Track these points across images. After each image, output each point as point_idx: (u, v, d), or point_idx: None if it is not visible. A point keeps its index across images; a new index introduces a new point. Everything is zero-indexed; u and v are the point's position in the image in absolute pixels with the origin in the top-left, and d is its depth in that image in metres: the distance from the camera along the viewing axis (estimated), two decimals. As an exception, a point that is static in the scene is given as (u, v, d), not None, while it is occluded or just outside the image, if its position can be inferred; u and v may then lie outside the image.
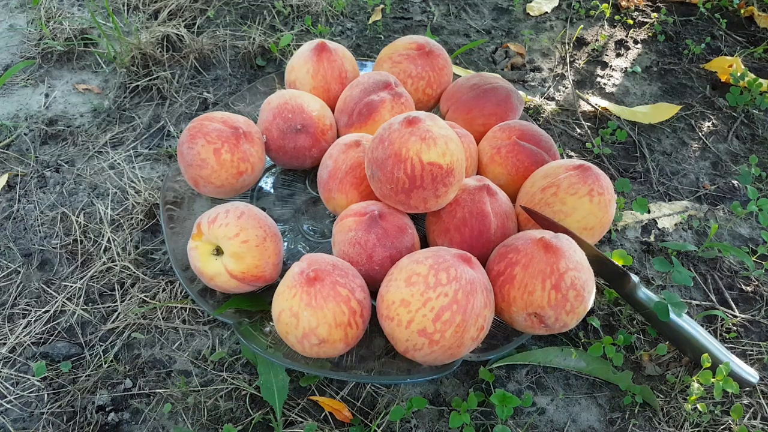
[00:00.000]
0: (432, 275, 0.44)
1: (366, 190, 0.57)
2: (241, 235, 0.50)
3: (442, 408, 0.52)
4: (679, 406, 0.53)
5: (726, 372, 0.50)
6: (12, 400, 0.51)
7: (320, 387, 0.53)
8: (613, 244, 0.67)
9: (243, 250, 0.50)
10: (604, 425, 0.52)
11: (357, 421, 0.51)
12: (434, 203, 0.52)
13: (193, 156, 0.56)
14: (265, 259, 0.52)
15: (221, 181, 0.57)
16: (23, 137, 0.74)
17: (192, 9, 0.95)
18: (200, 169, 0.56)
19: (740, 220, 0.71)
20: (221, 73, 0.85)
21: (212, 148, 0.56)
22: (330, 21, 0.96)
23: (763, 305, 0.62)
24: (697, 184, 0.75)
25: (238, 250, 0.50)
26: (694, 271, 0.65)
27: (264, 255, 0.51)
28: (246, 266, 0.51)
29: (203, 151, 0.56)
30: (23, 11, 0.94)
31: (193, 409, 0.51)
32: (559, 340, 0.58)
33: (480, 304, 0.45)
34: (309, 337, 0.46)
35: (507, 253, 0.49)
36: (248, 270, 0.51)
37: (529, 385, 0.54)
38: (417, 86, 0.67)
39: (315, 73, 0.66)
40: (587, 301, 0.48)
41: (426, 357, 0.46)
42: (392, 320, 0.46)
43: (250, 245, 0.50)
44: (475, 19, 1.00)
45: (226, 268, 0.51)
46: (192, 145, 0.56)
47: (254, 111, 0.72)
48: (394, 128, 0.50)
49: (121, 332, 0.56)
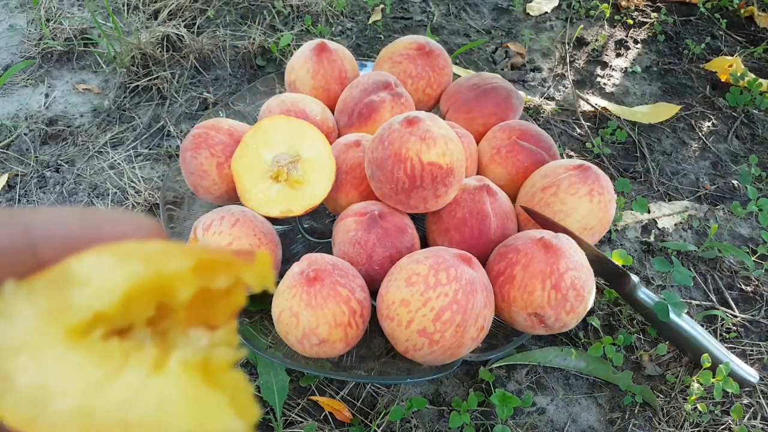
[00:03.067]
0: (432, 275, 0.44)
1: (366, 190, 0.57)
2: (234, 245, 0.49)
3: (442, 408, 0.52)
4: (679, 406, 0.53)
5: (726, 372, 0.50)
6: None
7: (320, 387, 0.53)
8: (613, 244, 0.67)
9: None
10: (604, 425, 0.52)
11: (357, 421, 0.51)
12: (434, 203, 0.52)
13: (195, 166, 0.56)
14: None
15: (221, 192, 0.57)
16: (23, 137, 0.74)
17: (192, 9, 0.95)
18: (201, 179, 0.56)
19: (740, 220, 0.71)
20: (221, 73, 0.85)
21: (215, 162, 0.55)
22: (330, 21, 0.96)
23: (763, 305, 0.62)
24: (697, 184, 0.75)
25: None
26: (694, 271, 0.65)
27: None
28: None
29: (206, 163, 0.56)
30: (23, 11, 0.93)
31: (193, 409, 0.51)
32: (559, 340, 0.58)
33: (480, 304, 0.45)
34: (309, 337, 0.46)
35: (507, 253, 0.49)
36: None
37: (529, 385, 0.54)
38: (417, 86, 0.67)
39: (315, 73, 0.66)
40: (587, 301, 0.48)
41: (426, 357, 0.46)
42: (392, 320, 0.46)
43: None
44: (475, 19, 1.00)
45: None
46: (195, 154, 0.56)
47: (254, 111, 0.72)
48: (394, 128, 0.50)
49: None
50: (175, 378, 0.12)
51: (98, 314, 0.12)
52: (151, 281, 0.13)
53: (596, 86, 0.88)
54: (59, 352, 0.12)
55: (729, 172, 0.77)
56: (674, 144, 0.80)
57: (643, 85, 0.89)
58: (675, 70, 0.92)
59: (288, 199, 0.53)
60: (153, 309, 0.13)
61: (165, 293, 0.13)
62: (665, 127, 0.82)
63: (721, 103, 0.86)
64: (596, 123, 0.82)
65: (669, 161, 0.78)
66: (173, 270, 0.13)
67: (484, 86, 0.65)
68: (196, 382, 0.12)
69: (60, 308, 0.12)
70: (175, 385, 0.12)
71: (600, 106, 0.83)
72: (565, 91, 0.87)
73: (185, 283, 0.13)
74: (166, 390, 0.12)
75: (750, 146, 0.81)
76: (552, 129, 0.80)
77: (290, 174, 0.54)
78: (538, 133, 0.60)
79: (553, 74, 0.90)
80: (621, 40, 0.97)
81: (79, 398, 0.11)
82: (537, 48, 0.95)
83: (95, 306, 0.12)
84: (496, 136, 0.61)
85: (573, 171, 0.53)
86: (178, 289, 0.13)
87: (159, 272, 0.13)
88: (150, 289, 0.13)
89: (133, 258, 0.13)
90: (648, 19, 1.02)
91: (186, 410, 0.11)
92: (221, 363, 0.13)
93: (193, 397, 0.12)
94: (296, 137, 0.55)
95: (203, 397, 0.12)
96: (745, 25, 1.01)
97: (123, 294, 0.12)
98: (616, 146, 0.79)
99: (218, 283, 0.14)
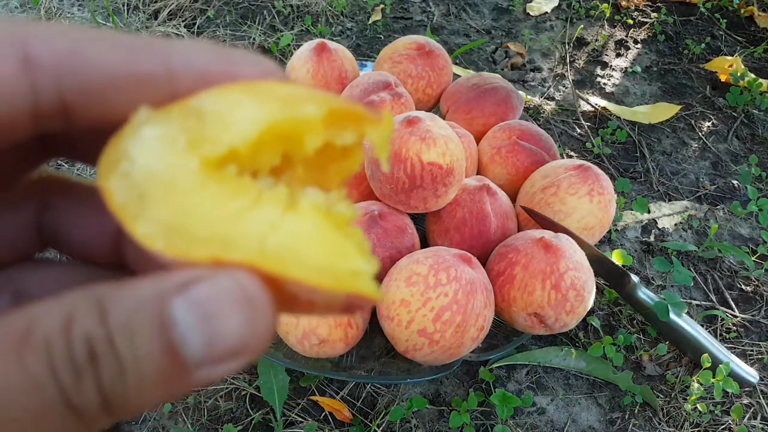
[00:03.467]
0: (432, 275, 0.44)
1: (366, 190, 0.57)
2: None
3: (442, 408, 0.52)
4: (679, 406, 0.53)
5: (726, 372, 0.50)
6: (12, 400, 0.51)
7: (320, 387, 0.53)
8: (613, 244, 0.67)
9: None
10: (604, 425, 0.52)
11: (357, 421, 0.51)
12: (434, 203, 0.52)
13: None
14: None
15: None
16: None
17: (192, 9, 0.95)
18: None
19: (740, 220, 0.71)
20: (221, 73, 0.85)
21: None
22: (330, 21, 0.96)
23: (763, 305, 0.62)
24: (697, 184, 0.75)
25: None
26: (694, 271, 0.65)
27: None
28: None
29: None
30: (23, 11, 0.94)
31: (193, 409, 0.51)
32: (559, 340, 0.58)
33: (480, 304, 0.45)
34: (309, 337, 0.46)
35: (507, 253, 0.49)
36: None
37: (529, 385, 0.54)
38: (417, 86, 0.67)
39: (315, 74, 0.66)
40: (587, 301, 0.48)
41: (426, 357, 0.46)
42: (392, 320, 0.46)
43: None
44: (475, 19, 1.00)
45: None
46: None
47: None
48: (394, 128, 0.50)
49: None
50: (308, 217, 0.12)
51: (233, 150, 0.12)
52: (285, 125, 0.13)
53: (596, 86, 0.88)
54: (196, 181, 0.12)
55: (729, 172, 0.77)
56: (674, 144, 0.80)
57: (643, 85, 0.89)
58: (675, 70, 0.92)
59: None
60: (279, 157, 0.13)
61: (294, 141, 0.13)
62: (665, 127, 0.82)
63: (721, 103, 0.86)
64: (596, 123, 0.82)
65: (669, 161, 0.78)
66: (307, 116, 0.13)
67: (484, 86, 0.65)
68: (327, 224, 0.12)
69: (196, 140, 0.12)
70: (309, 223, 0.12)
71: (600, 106, 0.83)
72: (565, 91, 0.87)
73: (315, 133, 0.13)
74: (301, 226, 0.12)
75: (750, 146, 0.81)
76: (552, 129, 0.80)
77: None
78: (538, 133, 0.60)
79: (553, 74, 0.90)
80: (621, 40, 0.97)
81: (217, 226, 0.11)
82: (537, 48, 0.95)
83: (231, 141, 0.12)
84: (496, 136, 0.61)
85: (573, 171, 0.53)
86: (308, 138, 0.13)
87: (294, 117, 0.13)
88: (282, 134, 0.13)
89: (270, 99, 0.13)
90: (648, 19, 1.02)
91: (319, 246, 0.12)
92: (344, 215, 0.13)
93: (325, 237, 0.12)
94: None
95: (334, 238, 0.12)
96: (745, 25, 1.01)
97: (259, 133, 0.12)
98: (616, 146, 0.79)
99: (345, 139, 0.14)
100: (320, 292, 0.11)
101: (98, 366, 0.10)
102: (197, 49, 0.13)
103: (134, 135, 0.12)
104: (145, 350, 0.10)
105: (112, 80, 0.12)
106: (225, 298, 0.11)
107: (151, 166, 0.12)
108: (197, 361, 0.11)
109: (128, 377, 0.10)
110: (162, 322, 0.10)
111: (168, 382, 0.11)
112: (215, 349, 0.11)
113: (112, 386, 0.10)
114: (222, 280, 0.11)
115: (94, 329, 0.10)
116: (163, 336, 0.10)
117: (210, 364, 0.11)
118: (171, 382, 0.11)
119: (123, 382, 0.10)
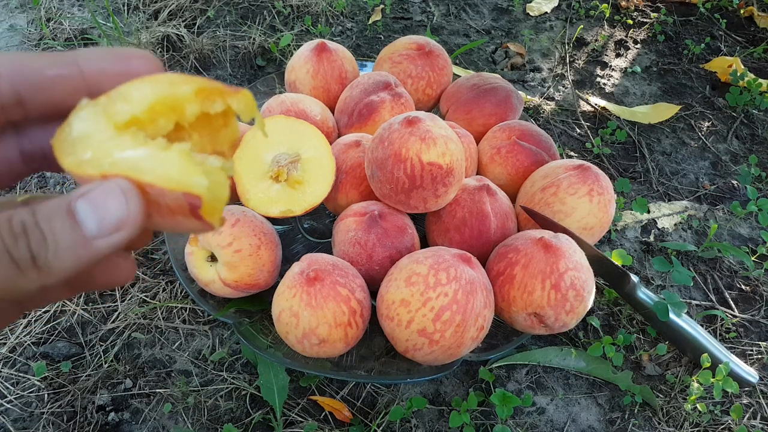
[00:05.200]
0: (432, 275, 0.44)
1: (366, 190, 0.57)
2: (234, 245, 0.49)
3: (442, 408, 0.52)
4: (679, 406, 0.53)
5: (726, 372, 0.50)
6: (12, 399, 0.51)
7: (320, 387, 0.53)
8: (613, 244, 0.67)
9: (236, 259, 0.49)
10: (604, 425, 0.52)
11: (357, 421, 0.51)
12: (434, 203, 0.52)
13: None
14: (258, 267, 0.51)
15: None
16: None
17: (192, 9, 0.95)
18: None
19: (740, 220, 0.71)
20: (221, 73, 0.85)
21: None
22: (330, 21, 0.96)
23: (762, 305, 0.62)
24: (696, 184, 0.75)
25: (230, 259, 0.49)
26: (694, 271, 0.65)
27: (258, 264, 0.51)
28: (239, 275, 0.50)
29: None
30: (23, 11, 0.94)
31: (193, 409, 0.51)
32: (559, 340, 0.58)
33: (480, 304, 0.45)
34: (309, 337, 0.46)
35: (507, 253, 0.49)
36: (241, 279, 0.50)
37: (529, 385, 0.55)
38: (417, 86, 0.67)
39: (315, 74, 0.66)
40: (587, 301, 0.48)
41: (426, 357, 0.47)
42: (392, 320, 0.46)
43: (243, 254, 0.50)
44: (475, 19, 1.00)
45: (219, 276, 0.50)
46: None
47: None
48: (394, 128, 0.50)
49: (121, 332, 0.56)
50: (173, 153, 0.18)
51: (134, 117, 0.19)
52: (168, 98, 0.19)
53: (596, 86, 0.89)
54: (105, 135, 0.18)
55: (729, 172, 0.77)
56: (674, 144, 0.80)
57: (642, 85, 0.89)
58: (675, 70, 0.92)
59: (288, 199, 0.53)
60: (172, 124, 0.20)
61: (178, 112, 0.19)
62: (665, 127, 0.82)
63: (721, 103, 0.86)
64: (596, 123, 0.82)
65: (669, 161, 0.78)
66: (183, 91, 0.19)
67: (484, 86, 0.65)
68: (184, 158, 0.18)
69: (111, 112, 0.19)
70: (172, 156, 0.18)
71: (600, 106, 0.83)
72: (565, 91, 0.87)
73: (191, 103, 0.19)
74: (165, 157, 0.18)
75: (750, 146, 0.81)
76: (552, 129, 0.80)
77: (290, 174, 0.54)
78: (538, 133, 0.61)
79: (552, 74, 0.90)
80: (621, 41, 0.97)
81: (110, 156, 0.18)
82: (537, 48, 0.95)
83: (132, 110, 0.19)
84: (496, 136, 0.61)
85: (573, 171, 0.53)
86: (187, 106, 0.19)
87: (173, 92, 0.19)
88: (168, 105, 0.19)
89: (160, 83, 0.19)
90: (648, 19, 1.02)
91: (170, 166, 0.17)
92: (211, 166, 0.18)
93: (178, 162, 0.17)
94: (296, 137, 0.55)
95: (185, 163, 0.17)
96: (745, 25, 1.01)
97: (150, 104, 0.19)
98: (616, 146, 0.79)
99: (214, 107, 0.20)
100: (166, 193, 0.17)
101: (28, 235, 0.16)
102: (98, 53, 0.20)
103: (75, 113, 0.19)
104: (59, 228, 0.16)
105: (45, 80, 0.19)
106: (109, 193, 0.17)
107: (80, 128, 0.18)
108: (93, 235, 0.17)
109: (48, 244, 0.16)
110: (69, 212, 0.17)
111: (76, 249, 0.17)
112: (104, 225, 0.17)
113: (38, 248, 0.16)
114: (107, 183, 0.17)
115: (27, 218, 0.16)
116: (70, 220, 0.17)
117: (103, 236, 0.17)
118: (78, 249, 0.17)
119: (45, 248, 0.16)
